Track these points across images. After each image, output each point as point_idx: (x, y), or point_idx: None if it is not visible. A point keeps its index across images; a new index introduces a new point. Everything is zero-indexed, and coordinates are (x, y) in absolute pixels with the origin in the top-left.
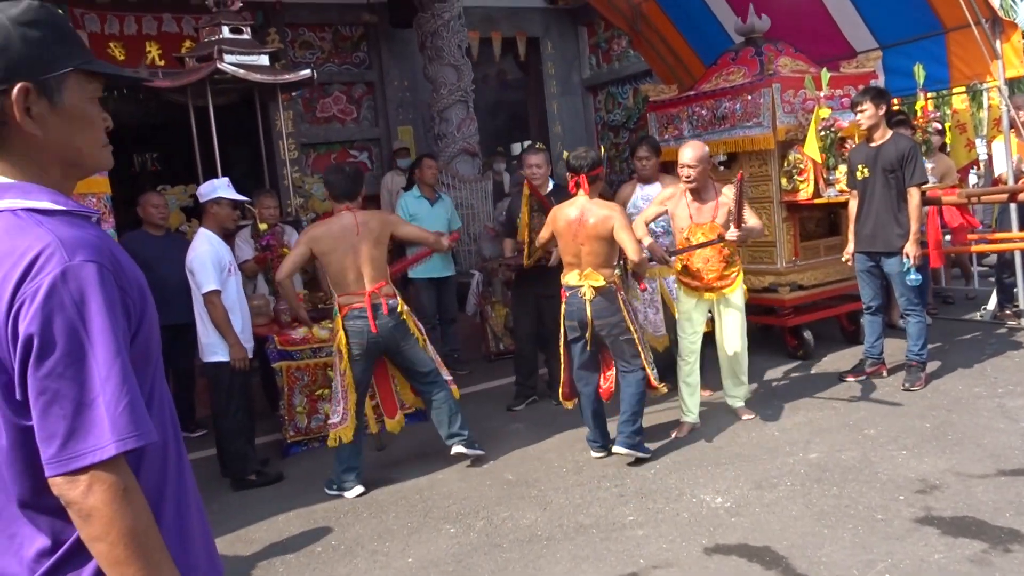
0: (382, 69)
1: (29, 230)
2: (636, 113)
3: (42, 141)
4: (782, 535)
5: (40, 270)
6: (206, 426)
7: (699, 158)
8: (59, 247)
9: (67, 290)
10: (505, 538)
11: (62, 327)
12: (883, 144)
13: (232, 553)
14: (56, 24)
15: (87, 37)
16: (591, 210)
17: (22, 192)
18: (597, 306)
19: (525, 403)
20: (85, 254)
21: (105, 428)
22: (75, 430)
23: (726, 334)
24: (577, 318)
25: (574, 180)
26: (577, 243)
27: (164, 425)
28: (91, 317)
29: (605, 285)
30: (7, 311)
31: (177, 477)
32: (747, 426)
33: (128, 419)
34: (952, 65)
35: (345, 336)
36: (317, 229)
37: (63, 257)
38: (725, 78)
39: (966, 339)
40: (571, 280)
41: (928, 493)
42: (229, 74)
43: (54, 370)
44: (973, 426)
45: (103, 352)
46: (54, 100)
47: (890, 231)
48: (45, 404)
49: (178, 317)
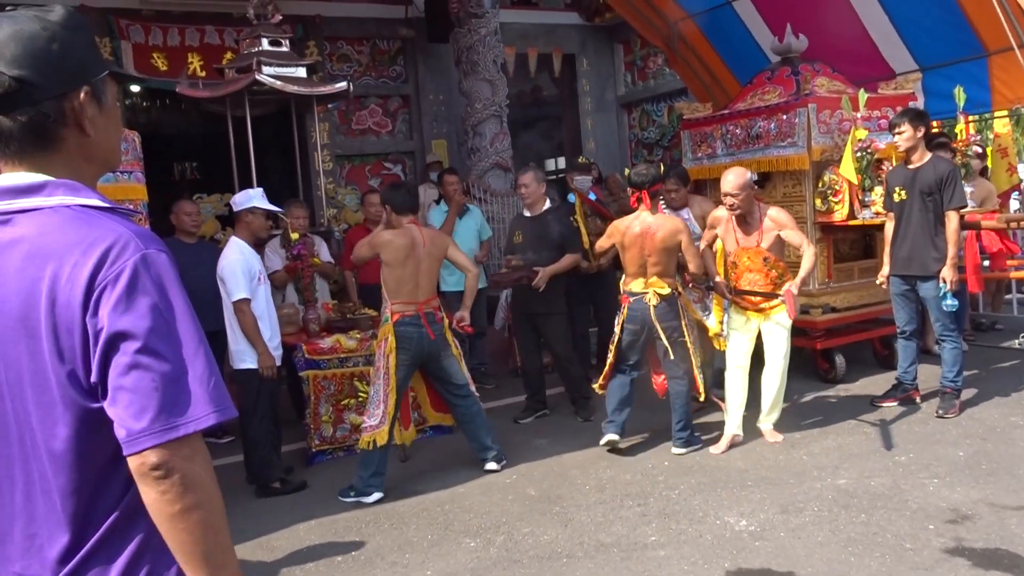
0: (418, 83)
1: (95, 222)
2: (670, 131)
3: (92, 141)
4: (807, 561)
5: (119, 256)
6: (233, 433)
7: (741, 185)
8: (133, 237)
9: (149, 274)
10: (525, 554)
11: (149, 306)
12: (921, 166)
13: (253, 560)
14: (88, 29)
15: (131, 48)
16: (657, 224)
17: (72, 190)
18: (660, 310)
19: (534, 416)
20: (158, 244)
21: (201, 399)
22: (172, 402)
23: (768, 355)
24: (640, 322)
25: (635, 196)
26: (644, 255)
27: None
28: (174, 298)
29: (669, 293)
30: (84, 297)
31: None
32: (775, 449)
33: (220, 392)
34: (994, 88)
35: (396, 342)
36: (390, 236)
37: (139, 245)
38: (760, 97)
39: (1003, 367)
40: (636, 287)
41: (959, 523)
42: (267, 85)
43: (146, 346)
44: (1008, 456)
45: (188, 331)
46: (101, 101)
47: (927, 255)
48: (136, 380)
49: (208, 324)
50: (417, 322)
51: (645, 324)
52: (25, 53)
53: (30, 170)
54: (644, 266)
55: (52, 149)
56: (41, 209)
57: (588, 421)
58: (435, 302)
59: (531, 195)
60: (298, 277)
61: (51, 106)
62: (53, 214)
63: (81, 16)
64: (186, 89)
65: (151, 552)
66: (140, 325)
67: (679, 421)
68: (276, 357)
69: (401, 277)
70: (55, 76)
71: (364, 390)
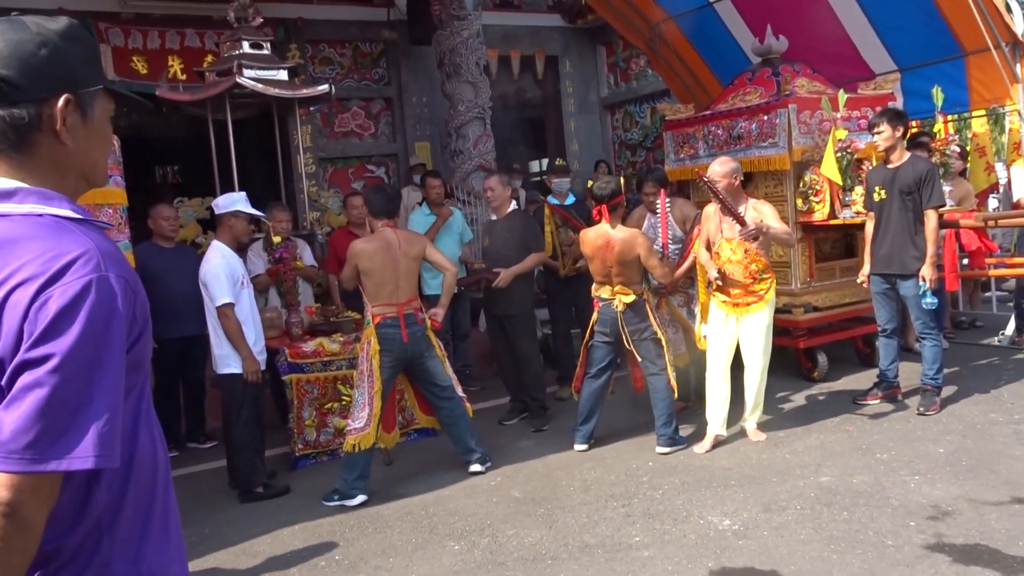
0: (400, 85)
1: (63, 234)
2: (653, 132)
3: (69, 151)
4: (790, 559)
5: (77, 272)
6: (216, 438)
7: (724, 173)
8: (97, 255)
9: (99, 299)
10: (509, 556)
11: (82, 330)
12: (901, 166)
13: (235, 566)
14: (90, 43)
15: (111, 51)
16: (615, 237)
17: (43, 198)
18: (627, 316)
19: (518, 417)
20: (117, 268)
21: (90, 440)
22: (59, 432)
23: (746, 355)
24: (609, 327)
25: (597, 209)
26: (607, 266)
27: (153, 430)
28: (112, 328)
29: (635, 300)
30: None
31: (165, 483)
32: (757, 448)
33: (112, 439)
34: (972, 88)
35: (378, 344)
36: (362, 245)
37: (100, 265)
38: (742, 98)
39: (983, 364)
40: (604, 294)
41: (940, 520)
42: (248, 88)
43: (60, 369)
44: (988, 452)
45: (111, 366)
46: (86, 114)
47: (906, 253)
48: (34, 398)
49: (188, 329)
50: (397, 324)
51: (614, 328)
52: (11, 54)
53: (5, 174)
54: (609, 275)
55: (26, 153)
56: (11, 216)
57: (540, 432)
58: (416, 303)
59: (496, 199)
60: (280, 281)
61: (28, 109)
62: (22, 221)
63: (84, 31)
64: (166, 92)
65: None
66: (65, 346)
67: (661, 416)
68: (260, 361)
69: (379, 281)
70: (37, 80)
71: (347, 393)
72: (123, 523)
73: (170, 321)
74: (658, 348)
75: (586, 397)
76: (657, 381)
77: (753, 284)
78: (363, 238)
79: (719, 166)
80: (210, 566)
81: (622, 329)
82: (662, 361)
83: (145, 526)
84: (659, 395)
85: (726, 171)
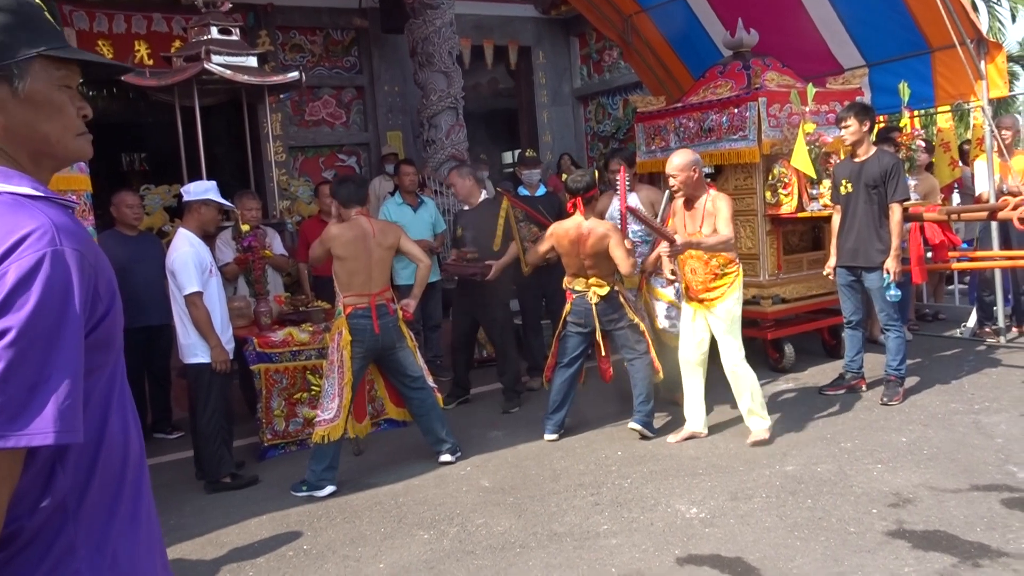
0: (372, 74)
1: (19, 209)
2: (626, 124)
3: (7, 126)
4: (755, 546)
5: (31, 246)
6: (183, 428)
7: (681, 166)
8: (52, 228)
9: (54, 273)
10: (478, 545)
11: (37, 303)
12: (867, 160)
13: (201, 556)
14: (19, 10)
15: (75, 35)
16: (589, 229)
17: (2, 176)
18: (600, 308)
19: (456, 403)
20: (74, 242)
21: (49, 415)
22: (17, 408)
23: (719, 348)
24: (583, 316)
25: (572, 202)
26: (580, 259)
27: (126, 414)
28: (69, 303)
29: (609, 291)
30: None
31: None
32: (725, 437)
33: (73, 414)
34: (937, 84)
35: (349, 334)
36: (338, 230)
37: (56, 239)
38: (712, 91)
39: (945, 355)
40: (577, 286)
41: (901, 507)
42: (216, 75)
43: (17, 342)
44: (949, 441)
45: (70, 342)
46: (15, 86)
47: (871, 246)
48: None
49: (153, 319)
50: (369, 315)
51: (588, 320)
52: None
53: None
54: (582, 267)
55: None
56: None
57: (508, 413)
58: (388, 294)
59: (461, 191)
60: (249, 270)
61: None
62: None
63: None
64: (132, 78)
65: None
66: (20, 320)
67: (640, 395)
68: (228, 351)
69: (352, 269)
70: None
71: (317, 383)
72: (89, 507)
73: (134, 311)
74: (637, 334)
75: (557, 387)
76: (638, 363)
77: (714, 280)
78: (339, 224)
79: (678, 158)
80: (175, 557)
81: (597, 321)
82: (642, 345)
83: (112, 511)
84: (639, 375)
85: (684, 163)
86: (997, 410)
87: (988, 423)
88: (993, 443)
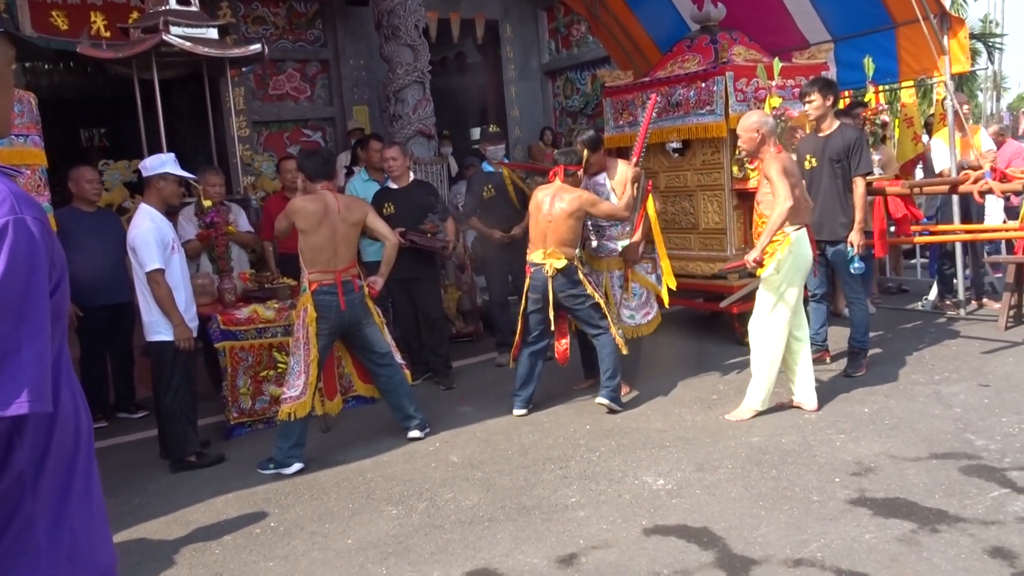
0: (337, 47)
1: None
2: (594, 99)
3: None
4: (720, 516)
5: None
6: (146, 407)
7: (744, 127)
8: (11, 197)
9: (18, 240)
10: (447, 519)
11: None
12: (831, 134)
13: (166, 536)
14: None
15: (28, 5)
16: (562, 194)
17: None
18: (558, 282)
19: (422, 378)
20: (34, 210)
21: (22, 384)
22: None
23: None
24: (540, 291)
25: (553, 171)
26: (545, 221)
27: (74, 388)
28: (34, 271)
29: (566, 264)
30: None
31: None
32: (692, 410)
33: (43, 382)
34: (901, 59)
35: (315, 311)
36: (302, 203)
37: (15, 207)
38: (680, 65)
39: (907, 328)
40: (535, 258)
41: (863, 475)
42: (175, 47)
43: None
44: (909, 411)
45: (36, 310)
46: None
47: (835, 220)
48: None
49: (114, 298)
50: (334, 291)
51: (545, 294)
52: None
53: None
54: (545, 234)
55: None
56: None
57: (451, 389)
58: (354, 270)
59: (398, 168)
60: (212, 246)
61: None
62: None
63: None
64: (88, 49)
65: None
66: None
67: (607, 370)
68: (192, 328)
69: (317, 245)
70: None
71: (283, 361)
72: (46, 481)
73: (94, 290)
74: (598, 312)
75: (524, 363)
76: (603, 338)
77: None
78: (303, 197)
79: (744, 119)
80: (139, 536)
81: (552, 295)
82: (604, 322)
83: (68, 485)
84: (606, 350)
85: (746, 124)
86: (956, 380)
87: (947, 393)
88: (952, 412)
